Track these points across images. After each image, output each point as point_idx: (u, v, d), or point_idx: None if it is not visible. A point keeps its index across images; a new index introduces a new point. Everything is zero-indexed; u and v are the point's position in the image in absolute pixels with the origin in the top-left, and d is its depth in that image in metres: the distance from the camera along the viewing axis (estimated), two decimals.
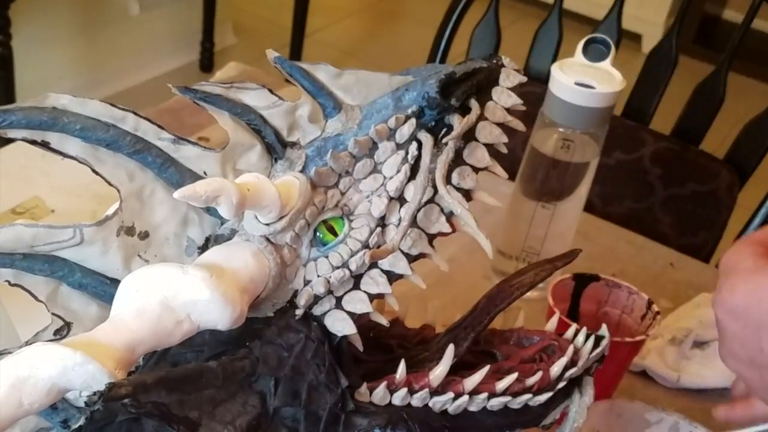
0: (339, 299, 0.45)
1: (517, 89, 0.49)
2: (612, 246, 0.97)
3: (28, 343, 0.41)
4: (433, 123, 0.47)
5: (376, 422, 0.45)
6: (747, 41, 1.11)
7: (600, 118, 0.79)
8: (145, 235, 0.44)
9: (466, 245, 0.64)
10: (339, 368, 0.45)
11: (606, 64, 0.80)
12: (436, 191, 0.46)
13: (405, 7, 3.43)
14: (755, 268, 0.51)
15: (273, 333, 0.44)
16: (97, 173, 0.43)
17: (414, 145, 0.46)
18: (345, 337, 0.45)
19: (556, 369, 0.50)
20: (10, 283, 0.42)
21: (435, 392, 0.47)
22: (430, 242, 0.47)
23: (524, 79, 0.49)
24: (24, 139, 0.42)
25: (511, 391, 0.49)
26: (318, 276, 0.45)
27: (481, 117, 0.48)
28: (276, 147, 0.46)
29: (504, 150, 0.49)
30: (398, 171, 0.46)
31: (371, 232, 0.45)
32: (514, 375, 0.49)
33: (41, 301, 0.43)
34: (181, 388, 0.40)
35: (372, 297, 0.46)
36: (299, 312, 0.45)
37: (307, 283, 0.45)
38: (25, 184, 0.91)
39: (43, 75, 2.25)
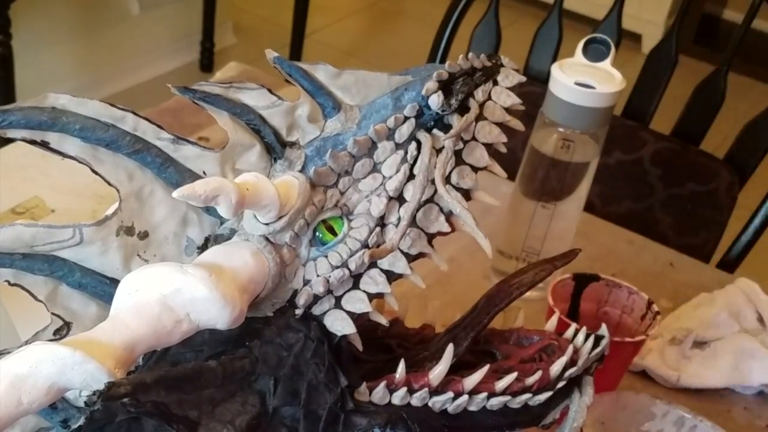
0: (338, 299, 0.45)
1: (517, 89, 0.49)
2: (612, 246, 0.97)
3: (27, 343, 0.41)
4: (432, 123, 0.47)
5: (376, 422, 0.45)
6: (747, 41, 1.11)
7: (600, 118, 0.79)
8: (144, 235, 0.44)
9: (466, 245, 0.64)
10: (338, 368, 0.45)
11: (606, 64, 0.80)
12: (435, 191, 0.46)
13: (405, 7, 3.43)
14: None
15: (272, 332, 0.44)
16: (96, 173, 0.43)
17: (413, 144, 0.46)
18: (344, 336, 0.45)
19: (555, 368, 0.50)
20: (9, 283, 0.42)
21: (434, 392, 0.47)
22: (430, 242, 0.47)
23: (523, 78, 0.49)
24: (23, 139, 0.42)
25: (511, 391, 0.49)
26: (317, 276, 0.45)
27: (481, 117, 0.48)
28: (275, 147, 0.46)
29: (503, 150, 0.49)
30: (397, 170, 0.46)
31: (370, 232, 0.45)
32: (514, 374, 0.49)
33: (41, 301, 0.43)
34: (181, 387, 0.40)
35: (371, 296, 0.46)
36: (299, 311, 0.45)
37: (306, 282, 0.45)
38: (25, 184, 0.91)
39: (43, 75, 2.25)
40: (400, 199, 0.46)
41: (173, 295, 0.39)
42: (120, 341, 0.37)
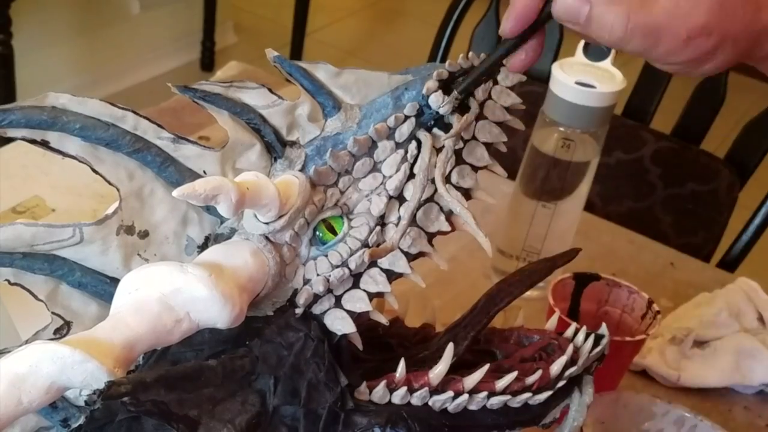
0: (338, 298, 0.45)
1: (517, 88, 0.49)
2: (612, 245, 0.96)
3: (27, 342, 0.41)
4: (433, 122, 0.47)
5: (376, 421, 0.45)
6: None
7: (600, 117, 0.79)
8: (144, 234, 0.44)
9: (466, 244, 0.64)
10: (338, 367, 0.45)
11: (606, 64, 0.80)
12: (435, 190, 0.46)
13: (406, 6, 3.43)
14: None
15: (272, 332, 0.44)
16: (96, 172, 0.43)
17: (413, 144, 0.46)
18: (345, 335, 0.45)
19: (555, 368, 0.50)
20: (10, 282, 0.42)
21: (435, 391, 0.47)
22: (430, 241, 0.47)
23: (523, 78, 0.49)
24: (24, 138, 0.42)
25: (511, 390, 0.49)
26: (317, 275, 0.45)
27: (481, 116, 0.48)
28: (275, 146, 0.46)
29: (503, 149, 0.49)
30: (397, 170, 0.46)
31: (370, 231, 0.45)
32: (514, 374, 0.49)
33: (41, 300, 0.43)
34: (181, 386, 0.40)
35: (371, 296, 0.46)
36: (299, 311, 0.45)
37: (306, 281, 0.45)
38: (25, 183, 0.91)
39: (44, 74, 2.25)
40: (400, 198, 0.46)
41: (173, 294, 0.39)
42: (120, 340, 0.37)
